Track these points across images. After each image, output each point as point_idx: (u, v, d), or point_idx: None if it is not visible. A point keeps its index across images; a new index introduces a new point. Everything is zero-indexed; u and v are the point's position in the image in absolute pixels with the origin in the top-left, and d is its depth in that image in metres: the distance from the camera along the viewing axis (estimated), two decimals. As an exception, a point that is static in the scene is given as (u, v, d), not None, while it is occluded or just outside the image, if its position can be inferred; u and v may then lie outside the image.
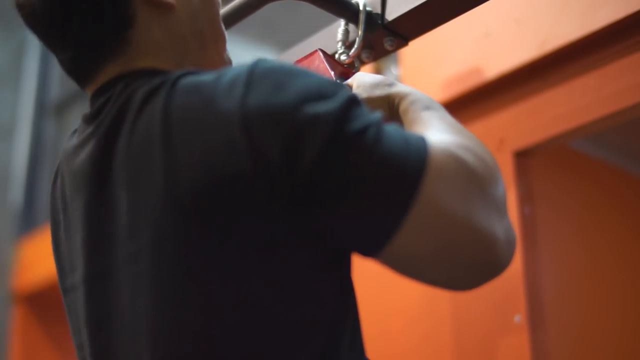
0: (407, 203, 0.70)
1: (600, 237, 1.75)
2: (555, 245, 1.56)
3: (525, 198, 1.44)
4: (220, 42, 0.93)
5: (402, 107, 0.90)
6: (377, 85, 0.94)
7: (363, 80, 0.96)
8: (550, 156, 1.58)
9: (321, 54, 1.06)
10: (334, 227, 0.72)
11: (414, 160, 0.71)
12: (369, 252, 0.73)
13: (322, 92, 0.71)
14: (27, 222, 3.44)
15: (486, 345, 1.43)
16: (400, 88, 0.93)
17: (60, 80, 3.66)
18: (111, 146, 0.80)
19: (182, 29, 0.88)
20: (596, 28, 1.31)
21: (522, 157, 1.46)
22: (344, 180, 0.69)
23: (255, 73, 0.73)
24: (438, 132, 0.80)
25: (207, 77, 0.76)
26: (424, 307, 1.53)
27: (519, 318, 1.36)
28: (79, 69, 0.89)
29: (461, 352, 1.47)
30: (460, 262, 0.74)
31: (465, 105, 1.54)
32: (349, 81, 0.99)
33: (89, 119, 0.87)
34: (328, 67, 1.03)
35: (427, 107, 0.88)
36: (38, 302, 3.26)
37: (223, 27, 0.95)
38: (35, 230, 3.32)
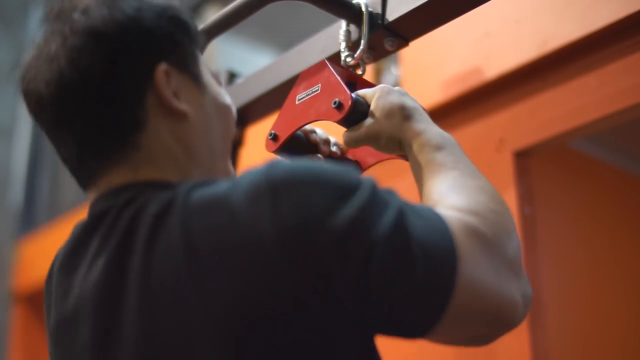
0: (447, 294, 0.73)
1: (600, 237, 1.75)
2: (556, 246, 1.56)
3: (525, 198, 1.44)
4: (227, 155, 0.91)
5: (414, 147, 0.92)
6: (391, 115, 0.94)
7: (380, 106, 0.95)
8: (550, 156, 1.58)
9: (329, 64, 1.05)
10: (376, 318, 0.73)
11: (446, 252, 0.74)
12: (410, 337, 0.79)
13: (348, 188, 0.72)
14: (27, 222, 3.44)
15: (486, 346, 1.43)
16: (413, 124, 0.93)
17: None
18: (122, 271, 0.76)
19: (194, 138, 0.85)
20: (596, 28, 1.31)
21: (522, 157, 1.46)
22: (389, 278, 0.71)
23: (276, 182, 0.71)
24: (452, 193, 0.84)
25: (219, 188, 0.74)
26: (424, 307, 1.53)
27: (519, 318, 1.36)
28: (81, 168, 0.85)
29: (461, 352, 1.47)
30: (487, 330, 0.83)
31: (465, 105, 1.54)
32: (369, 92, 0.99)
33: (88, 228, 0.82)
34: (339, 80, 1.01)
35: (440, 149, 0.90)
36: (38, 302, 3.25)
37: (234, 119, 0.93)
38: (35, 230, 3.32)
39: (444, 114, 1.50)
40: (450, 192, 0.84)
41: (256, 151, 1.75)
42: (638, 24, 1.28)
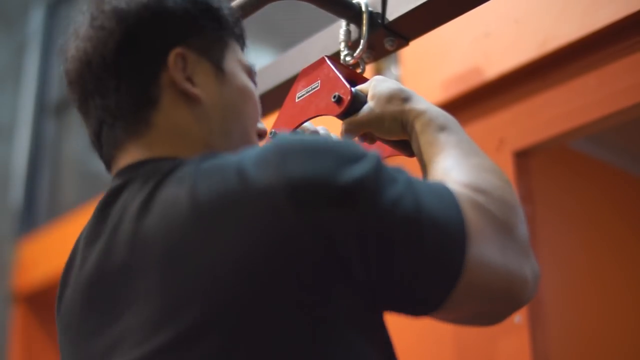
0: (457, 268, 0.72)
1: (600, 237, 1.75)
2: (555, 246, 1.56)
3: (525, 198, 1.44)
4: (250, 141, 0.91)
5: (417, 127, 0.91)
6: (391, 99, 0.93)
7: (378, 92, 0.94)
8: (550, 156, 1.58)
9: (328, 61, 1.04)
10: (384, 288, 0.72)
11: (456, 226, 0.74)
12: (418, 313, 0.78)
13: (354, 156, 0.73)
14: (27, 222, 3.43)
15: (486, 346, 1.43)
16: (415, 104, 0.92)
17: (60, 80, 3.66)
18: (115, 241, 0.78)
19: (209, 122, 0.86)
20: (596, 28, 1.31)
21: (522, 157, 1.47)
22: (396, 246, 0.70)
23: (284, 147, 0.73)
24: (458, 169, 0.83)
25: (230, 157, 0.75)
26: (424, 307, 1.53)
27: (519, 318, 1.36)
28: (102, 146, 0.88)
29: (461, 352, 1.47)
30: (496, 308, 0.80)
31: (465, 105, 1.54)
32: (364, 86, 0.98)
33: (103, 206, 0.84)
34: (338, 75, 1.01)
35: (443, 128, 0.89)
36: (38, 302, 3.26)
37: (259, 115, 0.93)
38: (35, 230, 3.32)
39: (444, 114, 1.50)
40: (454, 169, 0.83)
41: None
42: (638, 24, 1.28)
